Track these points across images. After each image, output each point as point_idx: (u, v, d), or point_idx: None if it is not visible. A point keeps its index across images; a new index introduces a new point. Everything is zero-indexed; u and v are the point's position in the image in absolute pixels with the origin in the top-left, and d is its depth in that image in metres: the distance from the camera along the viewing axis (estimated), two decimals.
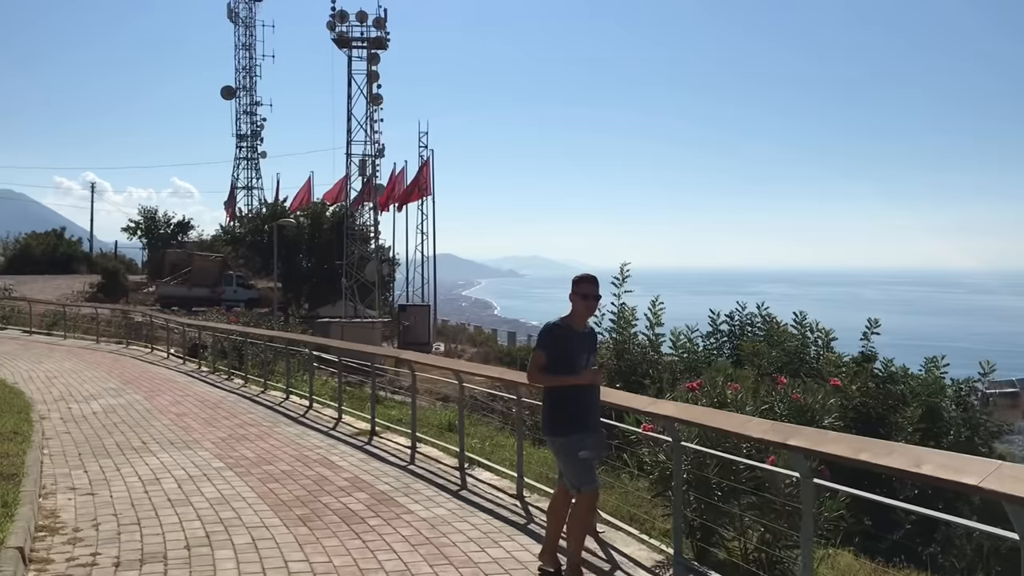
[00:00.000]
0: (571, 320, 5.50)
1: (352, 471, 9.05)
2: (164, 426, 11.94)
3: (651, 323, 11.20)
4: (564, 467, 5.49)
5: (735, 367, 10.52)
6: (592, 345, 5.63)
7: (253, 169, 69.33)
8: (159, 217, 58.50)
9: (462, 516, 7.23)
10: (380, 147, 44.41)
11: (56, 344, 26.07)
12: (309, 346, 14.93)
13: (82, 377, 17.84)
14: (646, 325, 11.27)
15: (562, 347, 5.39)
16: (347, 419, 12.54)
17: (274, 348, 16.85)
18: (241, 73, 69.09)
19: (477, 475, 8.87)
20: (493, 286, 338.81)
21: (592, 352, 5.58)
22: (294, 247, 49.77)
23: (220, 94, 70.04)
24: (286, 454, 9.99)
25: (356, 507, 7.53)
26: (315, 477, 8.74)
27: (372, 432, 11.37)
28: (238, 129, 69.15)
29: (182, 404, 14.13)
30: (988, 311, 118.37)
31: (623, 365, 10.87)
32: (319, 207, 50.50)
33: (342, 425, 12.15)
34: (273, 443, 10.73)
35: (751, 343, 11.15)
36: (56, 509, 7.39)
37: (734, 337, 12.00)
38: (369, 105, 43.33)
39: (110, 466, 9.26)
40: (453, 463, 9.40)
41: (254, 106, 69.45)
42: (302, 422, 12.50)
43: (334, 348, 13.50)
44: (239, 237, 53.42)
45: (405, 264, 52.62)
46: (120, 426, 11.95)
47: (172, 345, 23.97)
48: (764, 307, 12.26)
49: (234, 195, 67.40)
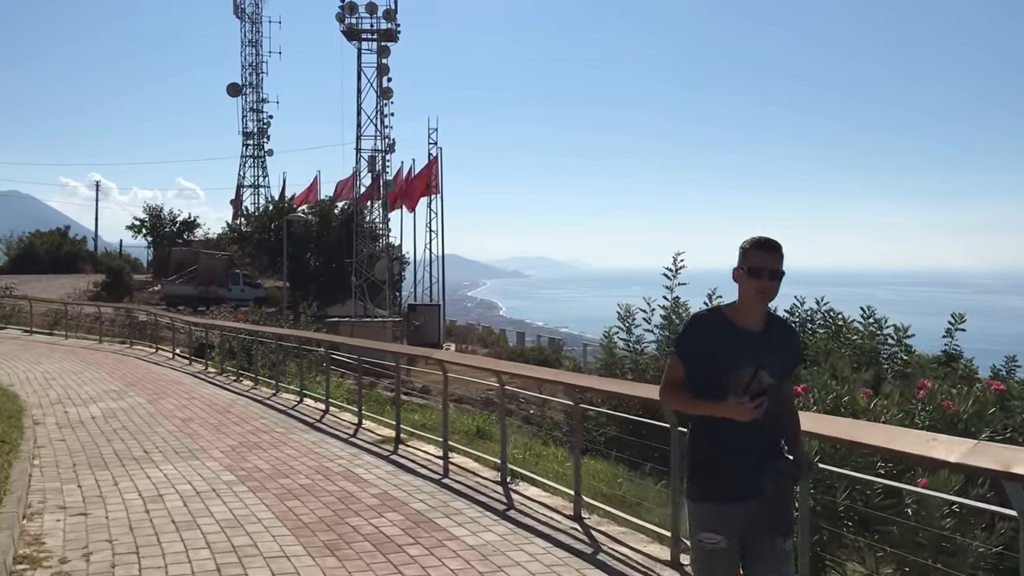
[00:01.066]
0: (733, 310, 3.41)
1: (380, 486, 8.00)
2: (168, 432, 10.92)
3: None
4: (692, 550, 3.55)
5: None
6: (771, 351, 3.35)
7: (260, 167, 68.52)
8: (164, 215, 57.67)
9: (516, 543, 6.17)
10: (391, 142, 43.43)
11: (57, 344, 25.09)
12: (324, 345, 13.90)
13: (82, 379, 16.83)
14: None
15: (709, 352, 3.33)
16: (368, 424, 11.50)
17: (285, 348, 15.85)
18: (247, 70, 68.30)
19: (522, 491, 7.81)
20: (498, 287, 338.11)
21: (771, 363, 3.33)
22: (302, 245, 48.81)
23: (226, 91, 69.31)
24: (304, 465, 8.94)
25: (390, 531, 6.48)
26: (339, 494, 7.69)
27: (397, 439, 10.32)
28: (244, 127, 68.39)
29: (188, 408, 13.10)
30: (1000, 312, 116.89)
31: None
32: (327, 205, 49.52)
33: (363, 431, 11.11)
34: (289, 452, 9.69)
35: (821, 341, 10.06)
36: (41, 534, 6.35)
37: None
38: (379, 99, 42.32)
39: (107, 480, 8.23)
40: (492, 476, 8.35)
41: (261, 103, 68.61)
42: (319, 428, 11.46)
43: (354, 347, 12.44)
44: (246, 235, 52.45)
45: (413, 263, 51.69)
46: (120, 432, 10.93)
47: (178, 345, 23.00)
48: (824, 302, 11.20)
49: (240, 193, 66.54)
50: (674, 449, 5.56)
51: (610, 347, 10.69)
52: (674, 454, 5.56)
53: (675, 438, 5.55)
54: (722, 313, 3.43)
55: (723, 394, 3.23)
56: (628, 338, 10.65)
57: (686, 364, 3.41)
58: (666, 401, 3.63)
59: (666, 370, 3.54)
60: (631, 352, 10.60)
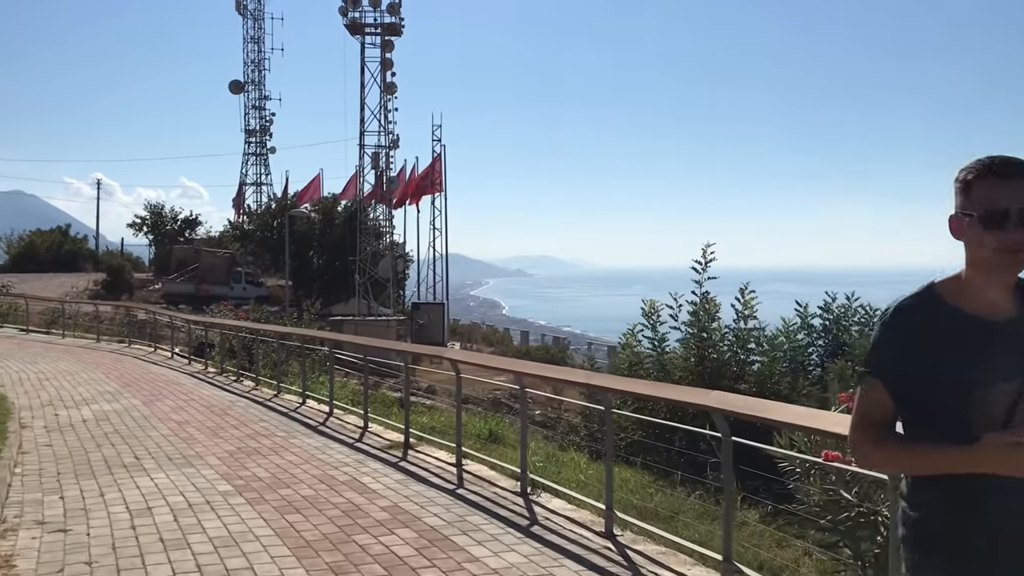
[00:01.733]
0: (955, 289, 2.07)
1: (389, 497, 7.34)
2: (163, 437, 10.27)
3: (741, 315, 9.46)
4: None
5: None
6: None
7: (262, 165, 67.82)
8: (166, 213, 57.00)
9: (544, 566, 5.50)
10: (395, 138, 42.76)
11: (53, 343, 24.46)
12: (328, 344, 13.24)
13: (77, 379, 16.19)
14: (732, 318, 9.54)
15: (934, 362, 2.00)
16: (374, 428, 10.85)
17: (287, 347, 15.21)
18: (250, 67, 67.60)
19: (544, 503, 7.15)
20: (501, 286, 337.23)
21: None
22: (305, 243, 48.17)
23: (228, 88, 68.68)
24: (307, 473, 8.29)
25: (402, 551, 5.82)
26: (345, 506, 7.03)
27: (406, 444, 9.66)
28: (247, 124, 67.66)
29: (185, 410, 12.45)
30: None
31: (707, 368, 9.14)
32: (330, 202, 48.85)
33: (369, 436, 10.46)
34: (290, 458, 9.04)
35: (866, 338, 9.38)
36: (13, 554, 5.70)
37: (828, 333, 10.26)
38: (383, 94, 41.61)
39: (93, 490, 7.57)
40: (510, 486, 7.69)
41: (263, 100, 67.89)
42: (322, 431, 10.81)
43: (360, 346, 11.78)
44: (248, 233, 51.80)
45: (417, 262, 51.05)
46: (112, 437, 10.28)
47: (178, 344, 22.37)
48: (855, 297, 10.54)
49: (243, 191, 65.92)
50: (725, 460, 4.90)
51: (632, 345, 10.04)
52: (725, 466, 4.91)
53: (726, 448, 4.90)
54: (939, 297, 2.05)
55: (969, 430, 1.91)
56: (653, 336, 9.99)
57: (893, 390, 2.03)
58: (867, 453, 2.11)
59: (857, 405, 2.11)
60: (656, 351, 9.93)
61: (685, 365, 9.41)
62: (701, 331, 9.64)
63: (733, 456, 4.92)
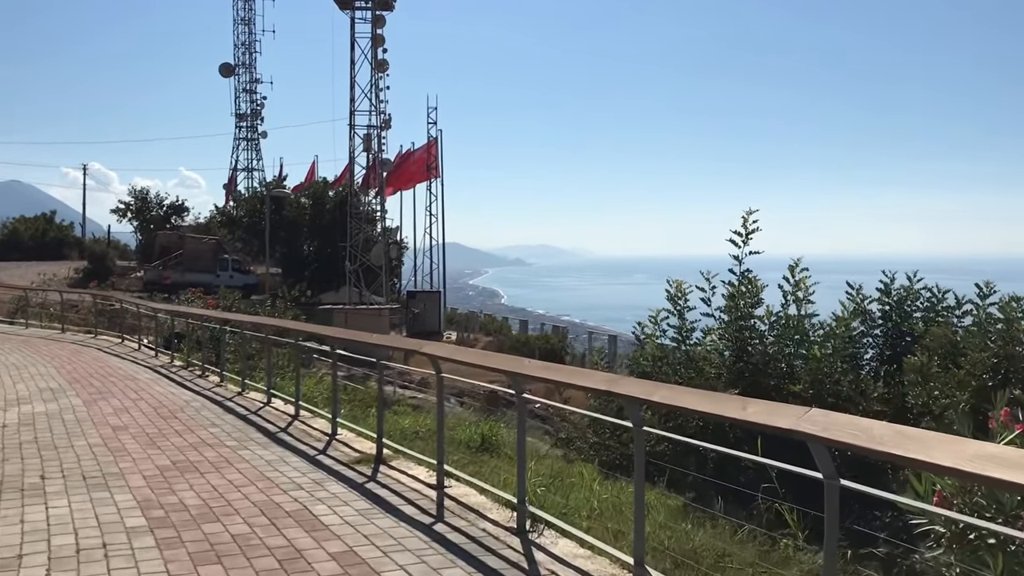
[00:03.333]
0: None
1: (345, 538, 5.59)
2: (88, 448, 8.54)
3: (792, 299, 7.68)
4: None
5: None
6: None
7: (253, 150, 65.95)
8: (151, 198, 55.00)
9: None
10: (387, 117, 40.85)
11: (14, 334, 22.74)
12: (294, 335, 11.52)
13: (22, 375, 14.48)
14: (780, 303, 7.76)
15: None
16: (344, 435, 9.13)
17: (257, 339, 13.46)
18: (240, 49, 65.59)
19: (548, 545, 5.41)
20: (500, 275, 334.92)
21: None
22: (295, 229, 46.30)
23: (218, 71, 66.77)
24: (247, 500, 6.54)
25: None
26: (283, 552, 5.28)
27: (378, 458, 7.93)
28: (237, 108, 65.76)
29: (128, 412, 10.71)
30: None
31: (748, 365, 7.39)
32: (321, 186, 46.93)
33: (336, 446, 8.72)
34: (233, 477, 7.30)
35: (943, 328, 7.62)
36: None
37: (888, 320, 8.49)
38: (374, 71, 39.58)
39: None
40: (504, 518, 5.96)
41: (254, 84, 65.96)
42: (282, 439, 9.08)
43: (327, 337, 10.04)
44: (236, 219, 49.89)
45: (413, 249, 49.27)
46: (27, 448, 8.55)
47: (150, 335, 20.65)
48: (917, 279, 8.78)
49: (235, 177, 64.05)
50: (830, 512, 3.18)
51: (655, 336, 8.30)
52: (830, 519, 3.18)
53: (831, 494, 3.18)
54: None
55: None
56: (681, 324, 8.23)
57: None
58: None
59: None
60: (684, 343, 8.17)
61: (721, 361, 7.71)
62: (740, 318, 7.89)
63: (840, 504, 3.22)
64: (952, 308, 8.22)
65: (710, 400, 3.64)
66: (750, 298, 7.91)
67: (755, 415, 3.32)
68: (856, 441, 2.87)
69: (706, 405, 3.58)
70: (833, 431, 3.01)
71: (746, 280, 8.02)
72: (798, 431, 3.12)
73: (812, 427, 3.08)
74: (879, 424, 3.01)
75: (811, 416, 3.16)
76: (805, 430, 3.09)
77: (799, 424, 3.14)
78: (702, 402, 3.64)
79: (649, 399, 3.94)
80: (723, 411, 3.49)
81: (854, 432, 2.93)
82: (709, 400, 3.64)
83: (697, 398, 3.70)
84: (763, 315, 7.81)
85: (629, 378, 4.38)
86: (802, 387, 7.18)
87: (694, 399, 3.69)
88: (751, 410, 3.39)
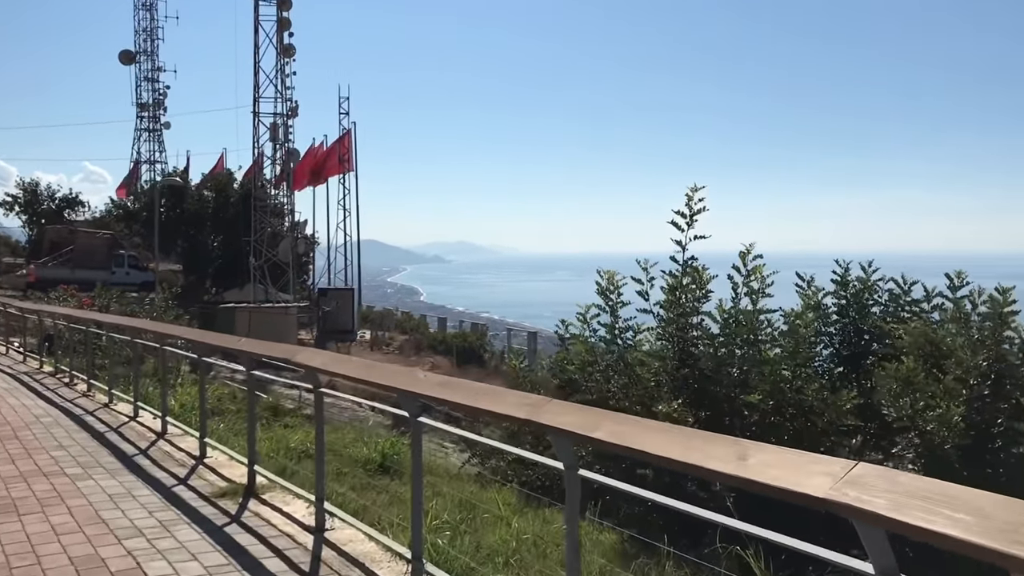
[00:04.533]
0: None
1: None
2: None
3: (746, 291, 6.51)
4: None
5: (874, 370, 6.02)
6: None
7: (156, 141, 62.74)
8: (42, 191, 51.46)
9: None
10: (294, 105, 38.79)
11: None
12: (147, 336, 9.99)
13: None
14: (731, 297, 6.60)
15: None
16: (214, 457, 7.65)
17: (127, 342, 11.78)
18: (141, 36, 62.36)
19: None
20: (418, 272, 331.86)
21: None
22: (197, 223, 43.84)
23: (118, 59, 63.35)
24: (65, 556, 5.05)
25: None
26: None
27: (250, 488, 6.50)
28: (139, 97, 62.48)
29: None
30: None
31: (694, 372, 6.20)
32: (224, 177, 44.52)
33: (202, 472, 7.24)
34: (58, 520, 5.77)
35: (923, 326, 6.55)
36: None
37: (844, 316, 7.42)
38: (279, 57, 37.54)
39: None
40: (399, 572, 4.64)
41: (156, 72, 62.76)
42: (137, 465, 7.54)
43: (181, 338, 8.56)
44: (134, 213, 47.00)
45: (327, 245, 47.36)
46: None
47: (22, 336, 18.60)
48: (873, 269, 7.76)
49: (137, 170, 60.76)
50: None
51: (582, 338, 7.06)
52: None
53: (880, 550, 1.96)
54: None
55: None
56: (613, 322, 7.00)
57: None
58: None
59: None
60: (617, 344, 6.94)
61: (661, 366, 6.53)
62: (682, 315, 6.72)
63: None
64: (918, 301, 7.24)
65: (683, 441, 2.38)
66: (698, 290, 6.75)
67: (763, 472, 2.08)
68: (966, 535, 1.64)
69: (679, 450, 2.33)
70: (908, 510, 1.78)
71: (691, 270, 6.85)
72: (844, 504, 1.89)
73: (870, 498, 1.85)
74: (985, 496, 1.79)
75: (861, 477, 1.93)
76: (857, 505, 1.85)
77: (842, 494, 1.91)
78: (672, 445, 2.39)
79: (590, 436, 2.68)
80: (706, 461, 2.25)
81: (958, 515, 1.71)
82: (682, 441, 2.38)
83: (665, 438, 2.45)
84: (712, 311, 6.64)
85: (557, 402, 3.10)
86: (760, 397, 6.03)
87: (660, 439, 2.43)
88: (754, 461, 2.15)
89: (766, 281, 6.53)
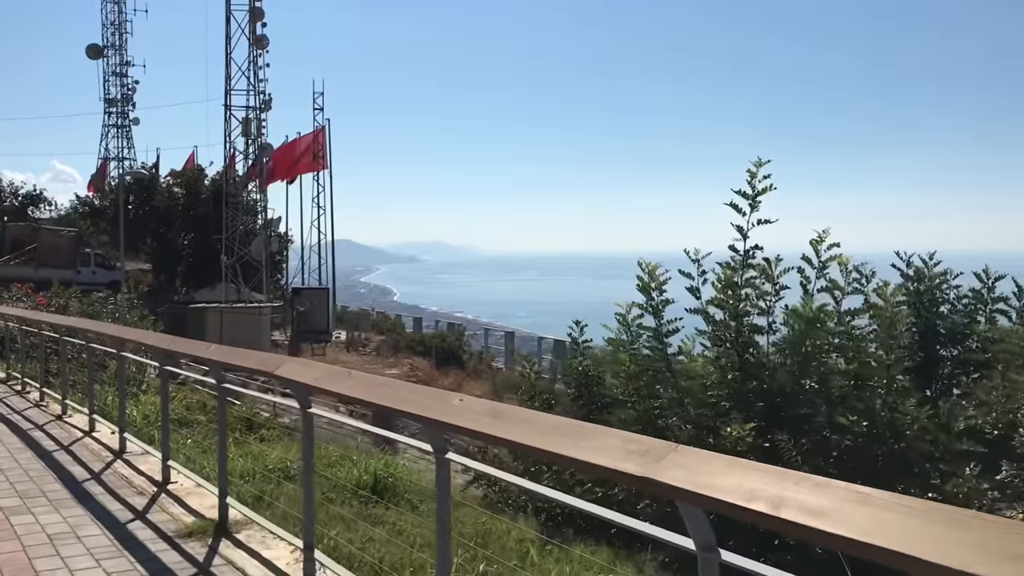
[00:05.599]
0: None
1: None
2: None
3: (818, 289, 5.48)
4: None
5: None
6: None
7: (125, 137, 61.08)
8: (4, 187, 49.62)
9: None
10: (267, 98, 37.37)
11: None
12: (91, 338, 8.86)
13: None
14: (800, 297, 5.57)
15: None
16: (180, 483, 6.54)
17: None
18: (109, 29, 60.68)
19: None
20: (393, 272, 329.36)
21: None
22: (167, 220, 42.34)
23: (85, 53, 61.54)
24: None
25: None
26: None
27: (221, 525, 5.40)
28: (107, 93, 60.79)
29: None
30: None
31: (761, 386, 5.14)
32: (195, 173, 43.01)
33: (165, 502, 6.12)
34: None
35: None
36: None
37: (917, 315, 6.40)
38: (252, 48, 36.15)
39: None
40: None
41: (125, 66, 61.07)
42: (88, 493, 6.41)
43: (140, 343, 7.45)
44: (101, 210, 45.36)
45: (300, 244, 46.05)
46: None
47: None
48: (935, 262, 6.80)
49: (105, 166, 59.00)
50: None
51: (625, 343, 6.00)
52: None
53: None
54: None
55: None
56: (658, 325, 5.94)
57: None
58: None
59: None
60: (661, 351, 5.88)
61: (721, 378, 5.50)
62: (739, 316, 5.65)
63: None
64: (1004, 298, 6.29)
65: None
66: (768, 283, 5.69)
67: None
68: None
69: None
70: None
71: (754, 260, 5.75)
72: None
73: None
74: None
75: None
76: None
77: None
78: None
79: (748, 507, 1.64)
80: None
81: None
82: None
83: None
84: (798, 306, 5.53)
85: (685, 450, 2.01)
86: (854, 420, 4.94)
87: None
88: None
89: (851, 273, 5.50)
